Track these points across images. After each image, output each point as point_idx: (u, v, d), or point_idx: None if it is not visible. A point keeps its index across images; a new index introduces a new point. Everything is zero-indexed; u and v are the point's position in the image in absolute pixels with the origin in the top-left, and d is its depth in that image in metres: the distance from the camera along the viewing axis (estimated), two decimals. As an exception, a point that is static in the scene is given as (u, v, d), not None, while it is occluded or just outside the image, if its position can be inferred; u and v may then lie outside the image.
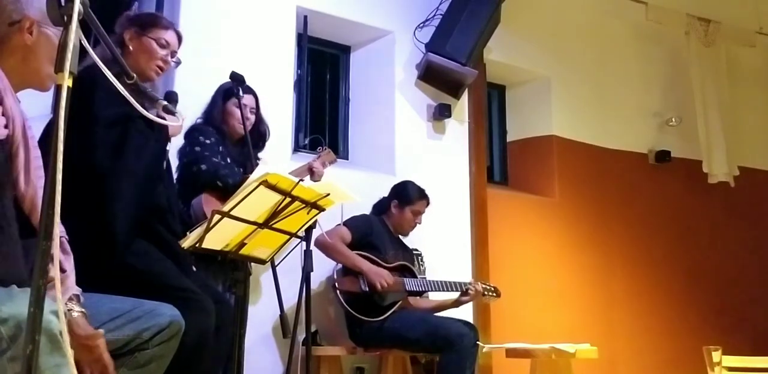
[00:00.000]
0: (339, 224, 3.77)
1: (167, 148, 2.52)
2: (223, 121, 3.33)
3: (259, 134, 3.44)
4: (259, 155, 3.45)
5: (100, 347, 1.65)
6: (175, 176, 3.23)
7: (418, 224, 4.02)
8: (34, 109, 2.15)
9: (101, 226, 2.13)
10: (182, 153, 3.24)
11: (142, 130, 2.28)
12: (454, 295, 3.92)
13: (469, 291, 3.85)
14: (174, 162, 3.24)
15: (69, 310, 1.60)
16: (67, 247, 1.72)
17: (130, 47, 2.45)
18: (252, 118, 3.37)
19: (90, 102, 2.18)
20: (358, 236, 3.80)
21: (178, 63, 2.56)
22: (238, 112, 3.24)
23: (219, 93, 3.39)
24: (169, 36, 2.50)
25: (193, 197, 3.10)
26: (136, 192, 2.24)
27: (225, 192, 2.92)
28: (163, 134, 2.39)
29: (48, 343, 1.31)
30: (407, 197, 3.98)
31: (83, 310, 1.67)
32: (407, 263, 3.94)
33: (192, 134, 3.24)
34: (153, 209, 2.33)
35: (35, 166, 1.60)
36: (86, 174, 2.13)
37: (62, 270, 1.65)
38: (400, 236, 4.07)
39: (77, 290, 1.69)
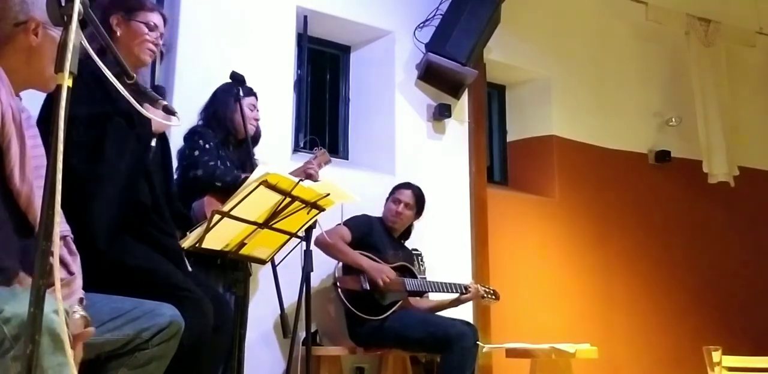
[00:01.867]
0: (339, 224, 3.78)
1: (152, 144, 2.47)
2: (234, 122, 3.27)
3: (258, 135, 3.46)
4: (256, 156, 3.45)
5: (79, 355, 1.62)
6: (175, 176, 3.23)
7: (401, 214, 3.94)
8: (34, 109, 2.14)
9: (82, 227, 2.10)
10: (182, 156, 3.23)
11: (121, 129, 2.23)
12: (454, 296, 3.93)
13: (468, 293, 3.86)
14: (174, 163, 3.24)
15: (73, 312, 1.60)
16: (74, 247, 1.71)
17: (118, 33, 2.39)
18: (259, 120, 3.39)
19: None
20: (358, 236, 3.81)
21: (165, 49, 2.53)
22: (248, 112, 3.25)
23: (226, 94, 3.34)
24: (156, 18, 2.46)
25: (194, 200, 3.09)
26: (117, 193, 2.19)
27: (226, 193, 2.92)
28: (145, 131, 2.33)
29: (51, 343, 1.31)
30: (391, 191, 4.03)
31: (85, 314, 1.66)
32: (407, 263, 3.95)
33: (192, 137, 3.21)
34: (137, 208, 2.29)
35: (34, 163, 1.60)
36: (65, 177, 2.10)
37: (70, 272, 1.65)
38: (400, 238, 4.08)
39: (82, 293, 1.69)
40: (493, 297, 3.98)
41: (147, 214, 2.33)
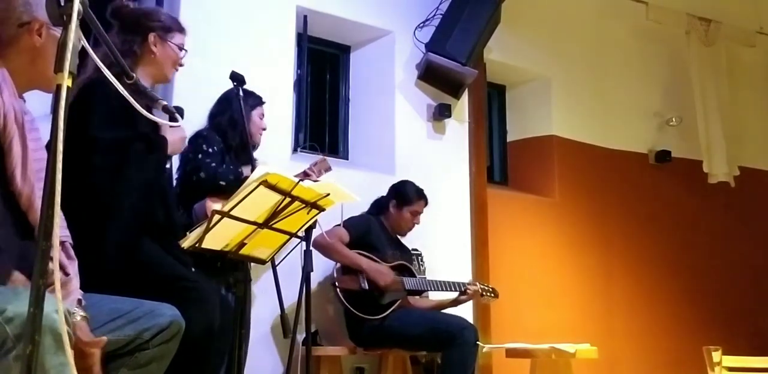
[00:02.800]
0: (337, 225, 3.77)
1: (167, 166, 2.52)
2: (246, 129, 3.25)
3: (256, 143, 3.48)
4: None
5: (96, 356, 1.63)
6: (175, 176, 3.23)
7: (416, 225, 4.02)
8: (36, 109, 2.14)
9: (96, 243, 2.10)
10: (185, 159, 3.22)
11: (142, 153, 2.29)
12: (453, 295, 3.92)
13: (468, 291, 3.86)
14: (175, 164, 3.24)
15: (72, 314, 1.60)
16: (72, 252, 1.71)
17: (156, 52, 2.45)
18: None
19: (87, 124, 2.17)
20: (356, 237, 3.80)
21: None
22: (257, 121, 3.27)
23: (238, 100, 3.31)
24: (185, 40, 2.54)
25: (195, 202, 3.08)
26: (133, 215, 2.24)
27: (229, 194, 2.91)
28: (162, 152, 2.38)
29: (53, 342, 1.31)
30: (406, 198, 3.98)
31: (86, 315, 1.67)
32: (406, 262, 3.94)
33: (196, 140, 3.20)
34: (152, 229, 2.33)
35: (36, 166, 1.60)
36: (84, 195, 2.12)
37: (66, 274, 1.64)
38: (398, 237, 4.08)
39: (80, 293, 1.69)
40: (492, 294, 3.98)
41: (162, 234, 2.36)
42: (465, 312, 4.27)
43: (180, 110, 2.59)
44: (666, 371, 5.25)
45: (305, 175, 3.52)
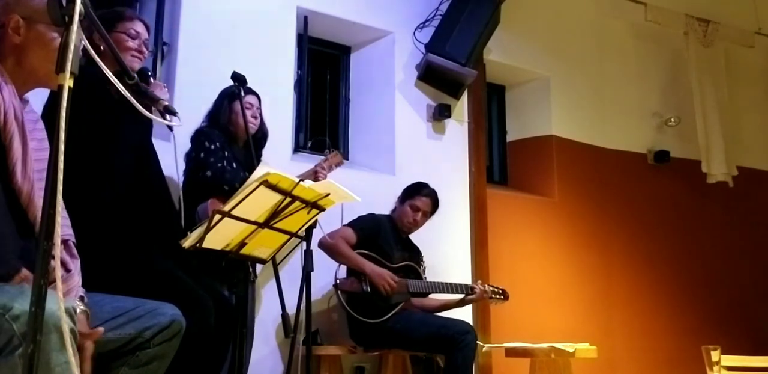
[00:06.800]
0: (345, 225, 3.75)
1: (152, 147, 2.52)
2: (231, 122, 3.30)
3: (262, 135, 3.46)
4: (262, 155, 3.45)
5: (89, 350, 1.63)
6: (182, 179, 3.24)
7: (418, 222, 3.96)
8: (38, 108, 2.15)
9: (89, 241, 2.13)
10: (188, 158, 3.24)
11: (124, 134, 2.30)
12: (460, 296, 3.91)
13: (475, 293, 3.84)
14: (181, 166, 3.24)
15: (73, 308, 1.60)
16: (74, 251, 1.72)
17: (102, 48, 2.45)
18: (258, 118, 3.39)
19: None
20: (364, 238, 3.77)
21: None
22: (246, 110, 3.27)
23: (224, 95, 3.35)
24: (137, 26, 2.53)
25: (199, 202, 3.09)
26: (119, 206, 2.25)
27: (231, 196, 2.92)
28: (146, 131, 2.40)
29: (59, 340, 1.31)
30: (408, 191, 3.99)
31: (86, 309, 1.67)
32: (413, 263, 3.92)
33: (198, 138, 3.22)
34: (141, 222, 2.33)
35: (38, 166, 1.60)
36: (74, 189, 2.14)
37: (67, 270, 1.65)
38: (408, 237, 4.05)
39: (82, 290, 1.70)
40: (501, 296, 3.93)
41: (155, 228, 2.37)
42: (465, 311, 4.28)
43: (145, 70, 2.61)
44: (665, 370, 5.26)
45: (315, 174, 3.53)
